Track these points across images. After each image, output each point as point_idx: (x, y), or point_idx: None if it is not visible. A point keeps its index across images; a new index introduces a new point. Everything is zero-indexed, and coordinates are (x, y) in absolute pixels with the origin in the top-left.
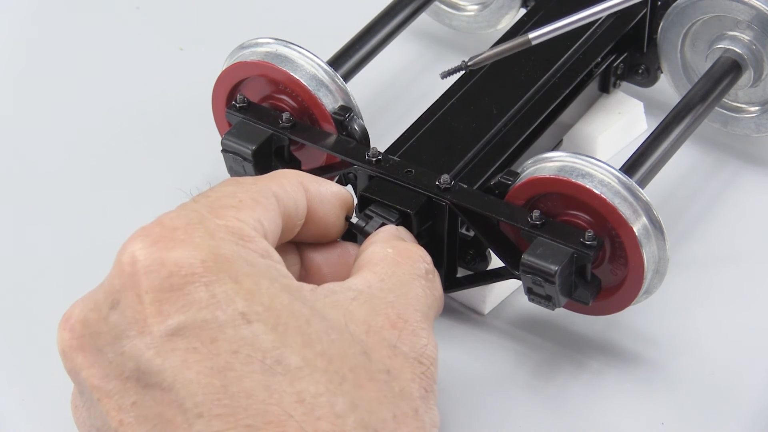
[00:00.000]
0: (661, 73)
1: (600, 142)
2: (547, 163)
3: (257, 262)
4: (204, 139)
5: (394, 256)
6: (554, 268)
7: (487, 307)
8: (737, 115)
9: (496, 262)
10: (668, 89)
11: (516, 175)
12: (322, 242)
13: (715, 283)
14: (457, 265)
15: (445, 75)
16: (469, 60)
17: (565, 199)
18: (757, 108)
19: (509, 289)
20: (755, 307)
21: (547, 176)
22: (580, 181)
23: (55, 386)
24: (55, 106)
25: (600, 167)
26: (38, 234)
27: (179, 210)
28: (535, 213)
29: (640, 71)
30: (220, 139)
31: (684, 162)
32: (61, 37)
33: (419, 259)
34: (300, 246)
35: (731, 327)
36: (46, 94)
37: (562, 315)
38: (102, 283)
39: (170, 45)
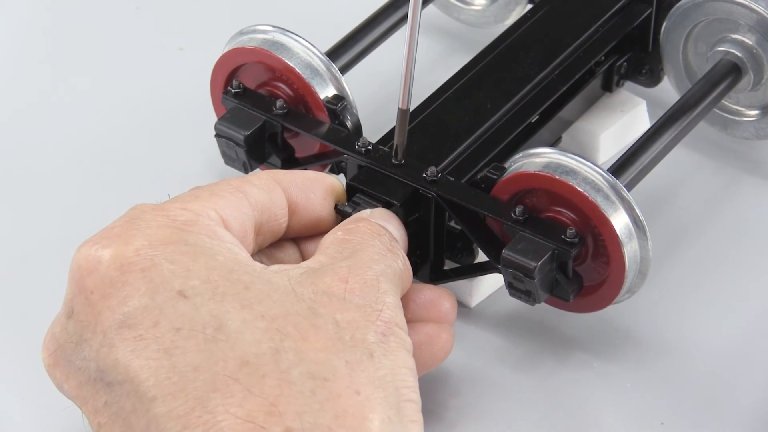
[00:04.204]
0: (665, 73)
1: (602, 139)
2: (533, 159)
3: (200, 243)
4: (204, 139)
5: (342, 235)
6: (533, 264)
7: (474, 301)
8: (737, 119)
9: (483, 256)
10: (672, 88)
11: (503, 169)
12: (320, 233)
13: (715, 284)
14: (445, 258)
15: None
16: None
17: (550, 196)
18: (757, 112)
19: (497, 283)
20: (755, 308)
21: (532, 172)
22: (564, 178)
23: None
24: (55, 106)
25: (585, 165)
26: (38, 232)
27: (126, 212)
28: (519, 208)
29: (644, 71)
30: None
31: (683, 164)
32: (61, 37)
33: (372, 233)
34: (300, 241)
35: (731, 327)
36: (45, 93)
37: (553, 312)
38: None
39: (170, 45)
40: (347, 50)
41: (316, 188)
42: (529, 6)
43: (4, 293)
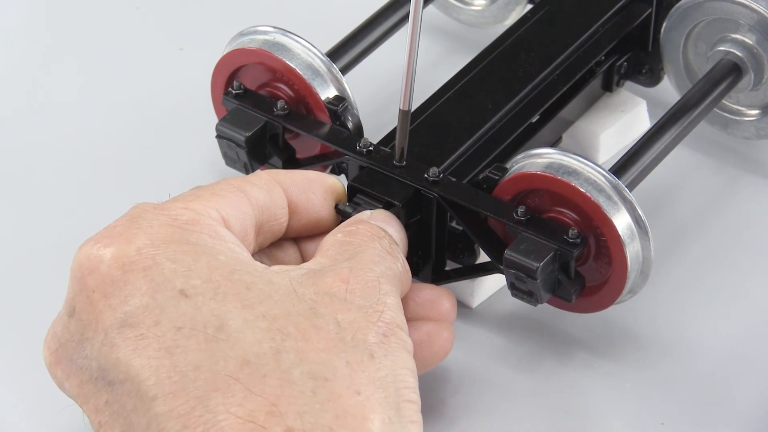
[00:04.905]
0: (665, 73)
1: (602, 139)
2: (535, 159)
3: (201, 242)
4: (204, 139)
5: (342, 237)
6: (536, 264)
7: (475, 301)
8: (738, 119)
9: (485, 256)
10: (672, 88)
11: (504, 170)
12: (320, 233)
13: (715, 284)
14: (446, 258)
15: None
16: None
17: (552, 196)
18: (757, 112)
19: (498, 284)
20: (755, 308)
21: (534, 172)
22: (566, 179)
23: (56, 386)
24: (55, 106)
25: (587, 165)
26: (38, 232)
27: (128, 211)
28: (521, 209)
29: (644, 71)
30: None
31: (684, 164)
32: (61, 37)
33: (371, 236)
34: (300, 241)
35: (731, 327)
36: (46, 93)
37: (554, 312)
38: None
39: (170, 45)
40: (348, 51)
41: (316, 188)
42: (529, 6)
43: (5, 293)
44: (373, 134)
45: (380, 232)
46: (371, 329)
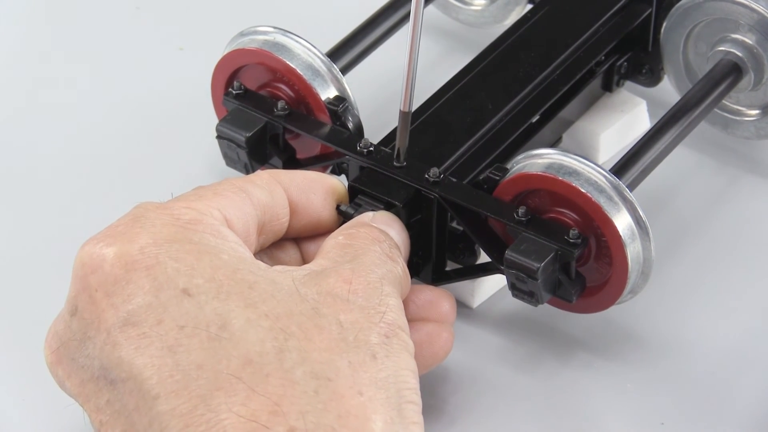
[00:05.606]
0: (665, 73)
1: (602, 139)
2: (535, 160)
3: (204, 241)
4: (204, 139)
5: (343, 240)
6: (537, 265)
7: (476, 301)
8: (738, 119)
9: (486, 257)
10: (672, 88)
11: (505, 170)
12: (321, 234)
13: (715, 284)
14: (447, 259)
15: None
16: None
17: (553, 197)
18: (757, 112)
19: (498, 284)
20: (755, 308)
21: (535, 173)
22: (567, 179)
23: (56, 386)
24: (56, 106)
25: (587, 166)
26: (39, 231)
27: (130, 210)
28: (521, 209)
29: (644, 71)
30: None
31: (684, 165)
32: (61, 37)
33: (372, 239)
34: (300, 242)
35: (731, 327)
36: (46, 93)
37: (554, 312)
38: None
39: (170, 45)
40: (348, 51)
41: (317, 188)
42: (529, 6)
43: (5, 293)
44: (374, 134)
45: (380, 236)
46: (373, 330)
